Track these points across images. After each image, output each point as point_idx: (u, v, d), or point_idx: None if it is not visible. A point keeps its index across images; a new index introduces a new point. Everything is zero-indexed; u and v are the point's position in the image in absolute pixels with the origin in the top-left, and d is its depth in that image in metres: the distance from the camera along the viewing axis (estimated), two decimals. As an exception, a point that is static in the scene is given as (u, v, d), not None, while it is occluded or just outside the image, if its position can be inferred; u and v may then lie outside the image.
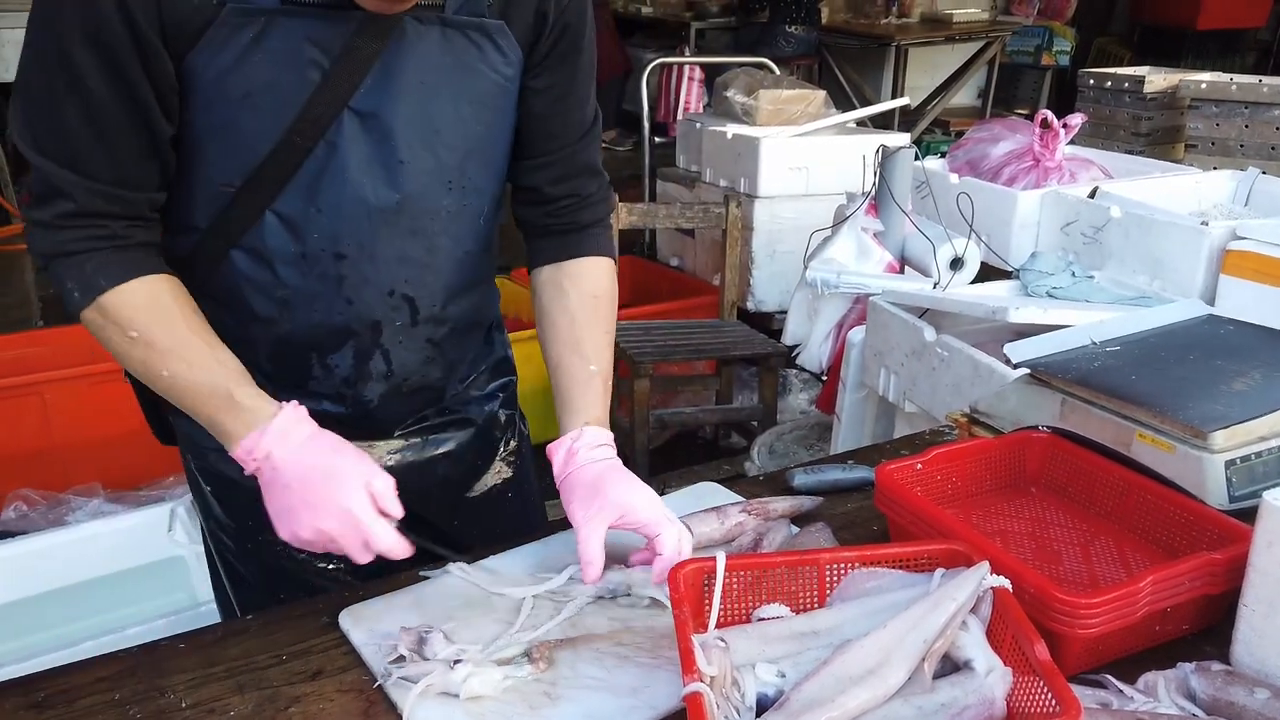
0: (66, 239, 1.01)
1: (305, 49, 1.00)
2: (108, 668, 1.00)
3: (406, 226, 1.12)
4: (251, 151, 1.03)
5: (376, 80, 1.04)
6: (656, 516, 1.07)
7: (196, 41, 0.97)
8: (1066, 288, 2.16)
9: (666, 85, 6.74)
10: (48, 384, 3.00)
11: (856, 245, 2.63)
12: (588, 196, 1.26)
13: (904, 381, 2.22)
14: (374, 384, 1.21)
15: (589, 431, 1.14)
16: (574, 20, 1.15)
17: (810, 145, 3.89)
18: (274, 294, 1.11)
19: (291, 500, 1.00)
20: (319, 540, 1.00)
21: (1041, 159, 2.83)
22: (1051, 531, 1.18)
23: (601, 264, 1.26)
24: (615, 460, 1.14)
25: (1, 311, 4.25)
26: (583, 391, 1.18)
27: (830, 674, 0.86)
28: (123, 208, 1.03)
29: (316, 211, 1.07)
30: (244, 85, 0.99)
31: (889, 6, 7.07)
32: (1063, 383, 1.31)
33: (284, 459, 1.01)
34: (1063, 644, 0.93)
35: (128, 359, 1.04)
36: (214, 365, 1.03)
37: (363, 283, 1.13)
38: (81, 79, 0.95)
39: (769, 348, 3.15)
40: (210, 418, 1.03)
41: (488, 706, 0.93)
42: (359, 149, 1.06)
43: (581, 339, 1.20)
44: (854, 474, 1.35)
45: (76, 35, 0.94)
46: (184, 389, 1.03)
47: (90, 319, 1.04)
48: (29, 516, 2.94)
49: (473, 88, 1.10)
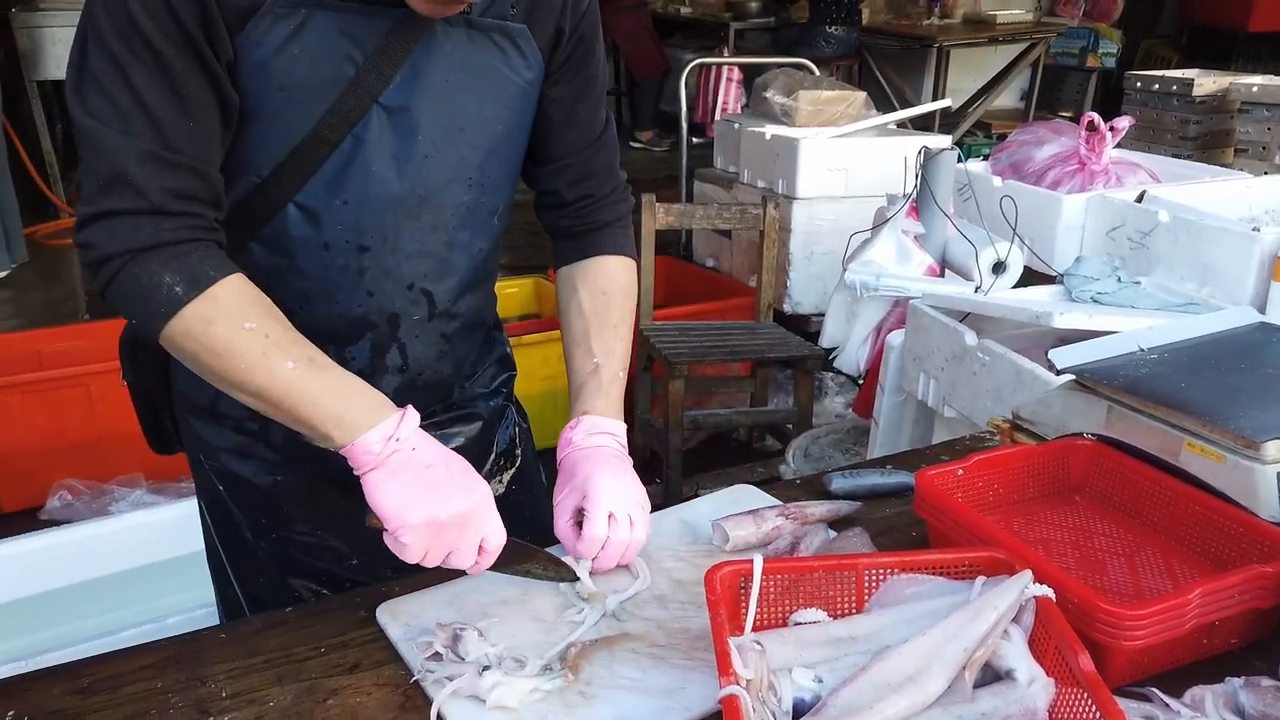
0: (166, 226, 0.96)
1: (341, 44, 1.02)
2: (150, 656, 1.01)
3: (428, 221, 1.14)
4: (281, 143, 1.04)
5: (405, 77, 1.06)
6: (600, 504, 1.10)
7: (243, 26, 0.97)
8: (1112, 293, 2.12)
9: (705, 86, 6.73)
10: (93, 376, 3.06)
11: (897, 248, 2.61)
12: (603, 197, 1.29)
13: (944, 386, 2.20)
14: (389, 377, 1.22)
15: (586, 420, 1.20)
16: (588, 32, 1.20)
17: (850, 146, 3.86)
18: (294, 285, 1.12)
19: (436, 478, 1.01)
20: (451, 523, 1.00)
21: (1087, 162, 2.78)
22: (1096, 541, 1.16)
23: (614, 261, 1.30)
24: (610, 448, 1.18)
25: (49, 305, 4.34)
26: (585, 383, 1.23)
27: (868, 680, 0.85)
28: (207, 190, 1.00)
29: (341, 204, 1.08)
30: (281, 78, 1.00)
31: (931, 7, 6.99)
32: (1109, 389, 1.29)
33: (427, 443, 1.03)
34: (1107, 656, 0.91)
35: (244, 352, 0.97)
36: (333, 361, 1.03)
37: (384, 275, 1.14)
38: (152, 45, 0.93)
39: (805, 350, 3.12)
40: (334, 409, 0.99)
41: (523, 704, 0.93)
42: (385, 143, 1.07)
43: (588, 334, 1.25)
44: (893, 479, 1.34)
45: (145, 9, 0.92)
46: (304, 379, 0.99)
47: (199, 311, 0.96)
48: (73, 506, 3.00)
49: (496, 88, 1.13)
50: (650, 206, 3.25)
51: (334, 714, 0.93)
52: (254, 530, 1.27)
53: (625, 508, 1.12)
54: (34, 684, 0.97)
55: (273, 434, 1.22)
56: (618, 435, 1.21)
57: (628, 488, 1.14)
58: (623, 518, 1.11)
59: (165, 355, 1.19)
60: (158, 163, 0.95)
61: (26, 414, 3.03)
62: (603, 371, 1.23)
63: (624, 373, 1.26)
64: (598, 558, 1.11)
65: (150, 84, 0.94)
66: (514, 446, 1.42)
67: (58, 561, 2.30)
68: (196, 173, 0.98)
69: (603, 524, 1.10)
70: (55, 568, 2.30)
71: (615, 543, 1.11)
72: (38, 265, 4.78)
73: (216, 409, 1.22)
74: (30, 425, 3.03)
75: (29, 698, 0.95)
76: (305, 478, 1.23)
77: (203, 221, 0.99)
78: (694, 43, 7.49)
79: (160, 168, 0.95)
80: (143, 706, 0.94)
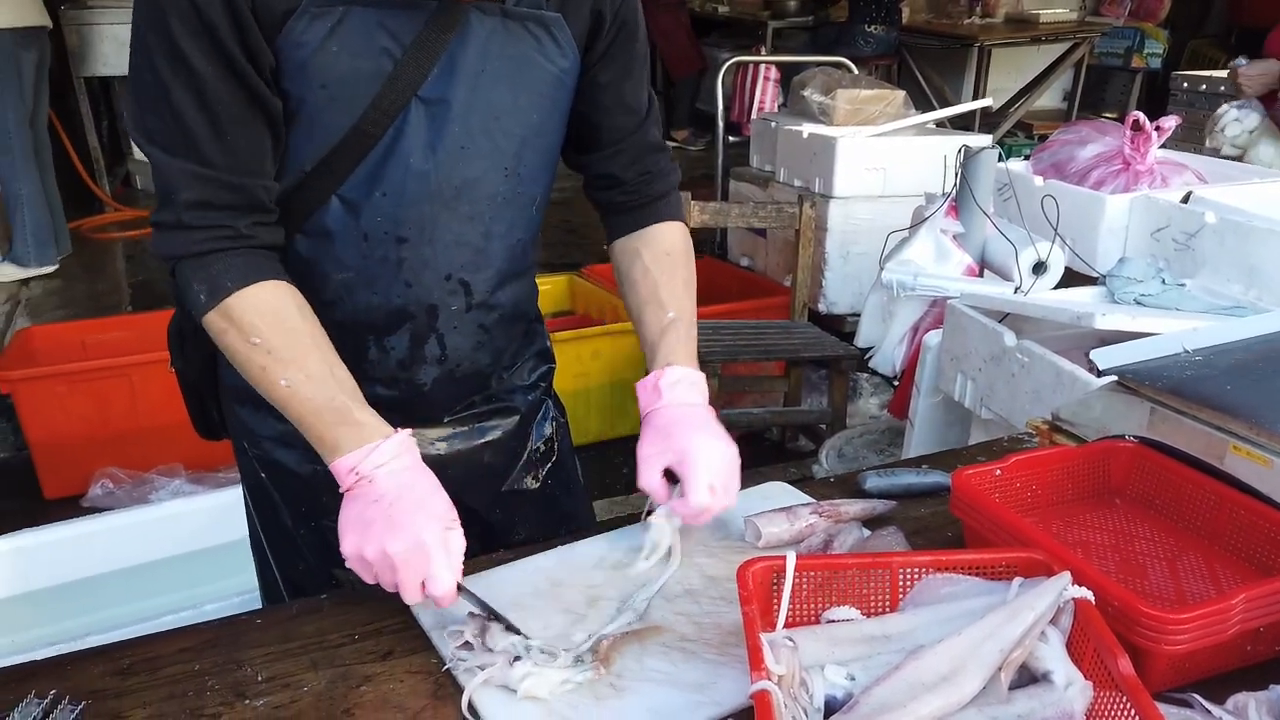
0: (195, 239, 1.02)
1: (379, 38, 1.03)
2: (189, 639, 1.03)
3: (465, 212, 1.14)
4: (325, 139, 1.05)
5: (443, 69, 1.06)
6: (700, 472, 1.10)
7: (280, 29, 0.99)
8: (1156, 295, 2.09)
9: (741, 85, 6.71)
10: (135, 367, 3.11)
11: (935, 247, 2.58)
12: (657, 171, 1.31)
13: (981, 387, 2.17)
14: (428, 368, 1.23)
15: (671, 370, 1.19)
16: (629, 16, 1.20)
17: (888, 145, 3.83)
18: (335, 276, 1.14)
19: (374, 515, 0.99)
20: (378, 562, 0.98)
21: (1132, 162, 2.73)
22: (1136, 544, 1.14)
23: (673, 227, 1.32)
24: (701, 408, 1.18)
25: (94, 297, 4.42)
26: (663, 337, 1.23)
27: (902, 679, 0.84)
28: (241, 198, 1.04)
29: (380, 196, 1.09)
30: (322, 75, 1.02)
31: (972, 6, 6.92)
32: (1152, 391, 1.27)
33: (385, 476, 1.01)
34: (1148, 660, 0.90)
35: (247, 365, 1.05)
36: (331, 380, 1.04)
37: (422, 266, 1.15)
38: (190, 65, 0.97)
39: (840, 350, 3.10)
40: (319, 429, 1.03)
41: (555, 696, 0.93)
42: (423, 135, 1.08)
43: (658, 289, 1.26)
44: (928, 479, 1.33)
45: (179, 23, 0.95)
46: (298, 398, 1.03)
47: (213, 323, 1.04)
48: (114, 494, 3.06)
49: (530, 78, 1.13)
50: (686, 205, 3.24)
51: (367, 700, 0.94)
52: (294, 518, 1.29)
53: (723, 478, 1.13)
54: (76, 664, 0.99)
55: None
56: (702, 388, 1.20)
57: (725, 454, 1.14)
58: (719, 488, 1.12)
59: (212, 344, 1.21)
60: (194, 179, 1.01)
61: (70, 403, 3.09)
62: (680, 325, 1.23)
63: (695, 330, 1.25)
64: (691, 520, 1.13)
65: (188, 102, 0.99)
66: (551, 441, 1.42)
67: (99, 548, 2.34)
68: (228, 185, 1.03)
69: (706, 494, 1.10)
70: (97, 554, 2.34)
71: (712, 512, 1.12)
72: (82, 258, 4.87)
73: (259, 398, 1.23)
74: (74, 414, 3.09)
75: (71, 677, 0.97)
76: None
77: (229, 231, 1.04)
78: (731, 41, 7.47)
79: (195, 184, 1.02)
80: (181, 688, 0.95)
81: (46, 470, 3.14)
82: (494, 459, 1.35)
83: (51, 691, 0.93)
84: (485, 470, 1.35)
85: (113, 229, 5.32)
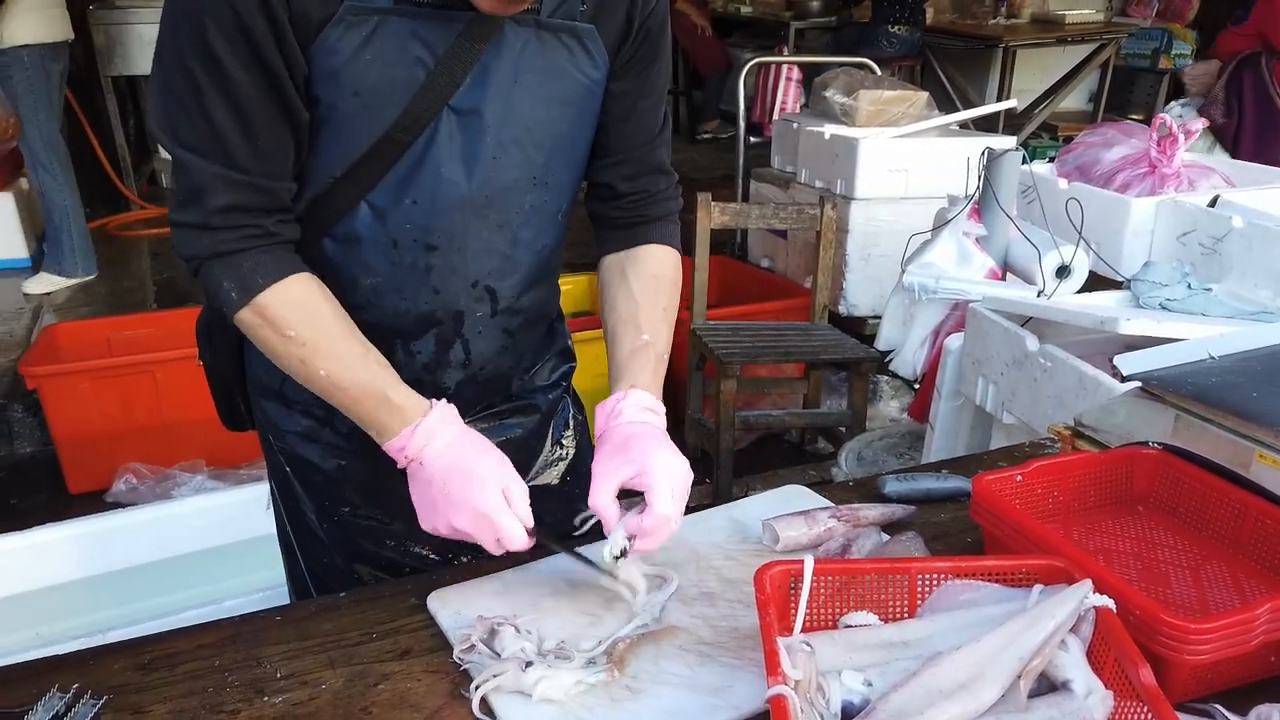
0: (223, 239, 1.03)
1: (413, 48, 1.03)
2: (209, 635, 1.04)
3: (494, 220, 1.15)
4: (356, 145, 1.06)
5: (475, 79, 1.07)
6: (663, 480, 1.07)
7: (315, 36, 1.00)
8: (1182, 300, 2.06)
9: (763, 85, 6.69)
10: (160, 364, 3.14)
11: (957, 250, 2.56)
12: (656, 193, 1.29)
13: (1003, 391, 2.16)
14: (452, 372, 1.24)
15: (635, 394, 1.16)
16: (655, 28, 1.19)
17: (911, 147, 3.81)
18: (363, 281, 1.14)
19: (434, 495, 1.05)
20: (455, 536, 1.05)
21: (1158, 165, 2.71)
22: (1159, 553, 1.13)
23: (665, 251, 1.29)
24: (656, 426, 1.15)
25: (119, 294, 4.47)
26: (632, 358, 1.20)
27: (920, 686, 0.83)
28: (270, 200, 1.05)
29: (411, 203, 1.10)
30: (355, 83, 1.02)
31: (997, 7, 6.86)
32: (1177, 398, 1.25)
33: (431, 457, 1.05)
34: (1169, 670, 0.89)
35: (285, 358, 1.07)
36: (367, 365, 1.07)
37: (450, 273, 1.16)
38: (225, 71, 0.97)
39: (860, 352, 3.09)
40: (364, 415, 1.08)
41: (570, 697, 0.93)
42: (454, 144, 1.08)
43: (637, 313, 1.24)
44: (948, 483, 1.32)
45: (216, 28, 0.96)
46: (341, 387, 1.07)
47: (246, 319, 1.06)
48: (138, 490, 3.09)
49: (562, 88, 1.13)
50: (706, 205, 3.24)
51: (384, 698, 0.95)
52: (318, 512, 1.30)
53: (681, 491, 1.10)
54: (98, 659, 1.00)
55: (338, 420, 1.24)
56: (661, 415, 1.18)
57: (683, 470, 1.11)
58: (679, 500, 1.09)
59: (240, 337, 1.24)
60: (224, 183, 1.02)
61: (96, 399, 3.12)
62: (651, 349, 1.21)
63: (665, 359, 1.23)
64: (648, 537, 1.07)
65: (221, 107, 0.99)
66: (571, 439, 1.42)
67: (122, 544, 2.36)
68: (259, 188, 1.04)
69: (669, 503, 1.07)
70: (119, 550, 2.36)
71: (672, 527, 1.08)
72: (108, 256, 4.92)
73: (285, 392, 1.25)
74: (99, 410, 3.13)
75: (93, 672, 0.98)
76: (369, 463, 1.25)
77: (257, 230, 1.05)
78: (753, 42, 7.44)
79: (226, 188, 1.02)
80: (201, 684, 0.96)
81: (71, 465, 3.18)
82: (514, 456, 1.35)
83: (74, 685, 0.94)
84: None
85: (138, 227, 5.37)
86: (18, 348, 3.82)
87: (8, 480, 3.35)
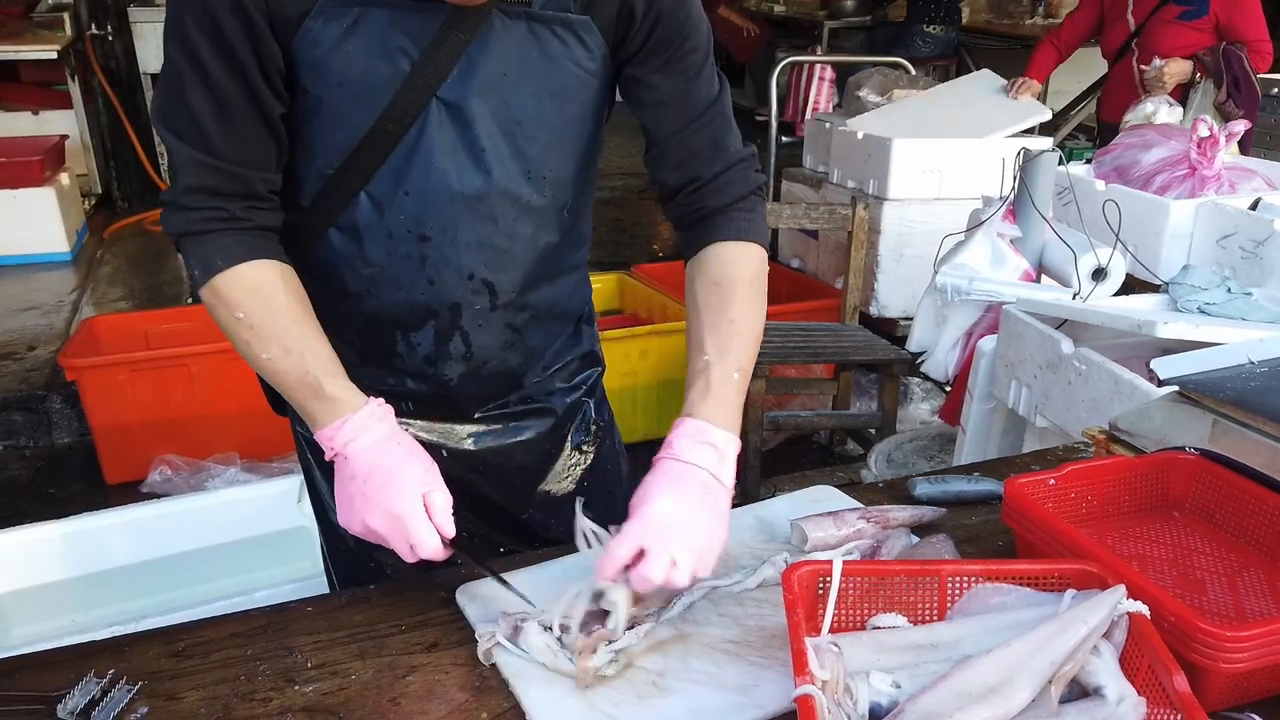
0: (192, 219, 1.07)
1: (395, 39, 1.04)
2: (241, 625, 1.05)
3: (486, 213, 1.15)
4: (348, 136, 1.08)
5: (463, 71, 1.07)
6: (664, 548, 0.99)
7: (296, 29, 1.03)
8: (1221, 304, 2.03)
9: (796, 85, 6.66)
10: (194, 357, 3.19)
11: (991, 251, 2.54)
12: (710, 179, 1.19)
13: (1036, 395, 2.13)
14: (453, 364, 1.24)
15: (689, 424, 1.09)
16: (667, 7, 1.13)
17: (945, 147, 3.78)
18: (362, 271, 1.16)
19: (352, 492, 1.05)
20: (367, 535, 1.05)
21: (1198, 167, 2.66)
22: (1195, 559, 1.11)
23: (730, 249, 1.19)
24: (700, 465, 1.06)
25: (155, 289, 4.53)
26: (693, 384, 1.13)
27: (949, 688, 0.83)
28: (240, 186, 1.08)
29: (404, 194, 1.11)
30: (339, 74, 1.05)
31: (1035, 6, 6.80)
32: (1215, 402, 1.23)
33: (355, 453, 1.05)
34: (1204, 678, 0.87)
35: (235, 340, 1.10)
36: (307, 354, 1.08)
37: (444, 264, 1.16)
38: (201, 62, 1.02)
39: (891, 354, 3.07)
40: (300, 402, 1.09)
41: (597, 693, 0.93)
42: (445, 136, 1.09)
43: (702, 330, 1.16)
44: (979, 486, 1.31)
45: (193, 21, 1.01)
46: (279, 373, 1.08)
47: (205, 298, 1.09)
48: (172, 481, 3.13)
49: (555, 81, 1.12)
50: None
51: (412, 690, 0.95)
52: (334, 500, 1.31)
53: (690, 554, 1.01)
54: (133, 645, 1.02)
55: None
56: (720, 448, 1.08)
57: (697, 529, 1.02)
58: (684, 564, 1.00)
59: None
60: (198, 166, 1.06)
61: (132, 391, 3.17)
62: (713, 370, 1.11)
63: (741, 374, 1.13)
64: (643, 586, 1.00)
65: (199, 97, 1.04)
66: (590, 443, 1.41)
67: (156, 534, 2.40)
68: (230, 174, 1.07)
69: (662, 571, 0.99)
70: (153, 540, 2.40)
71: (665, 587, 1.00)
72: (147, 250, 5.00)
73: None
74: (135, 402, 3.18)
75: (128, 658, 1.00)
76: None
77: (223, 214, 1.08)
78: (786, 41, 7.42)
79: (199, 170, 1.06)
80: (233, 672, 0.98)
81: (108, 456, 3.23)
82: (527, 459, 1.35)
83: (110, 671, 0.96)
84: (518, 469, 1.35)
85: (176, 222, 5.44)
86: (57, 340, 3.89)
87: (46, 470, 3.41)
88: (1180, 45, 3.83)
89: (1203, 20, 3.81)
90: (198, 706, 0.93)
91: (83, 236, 5.03)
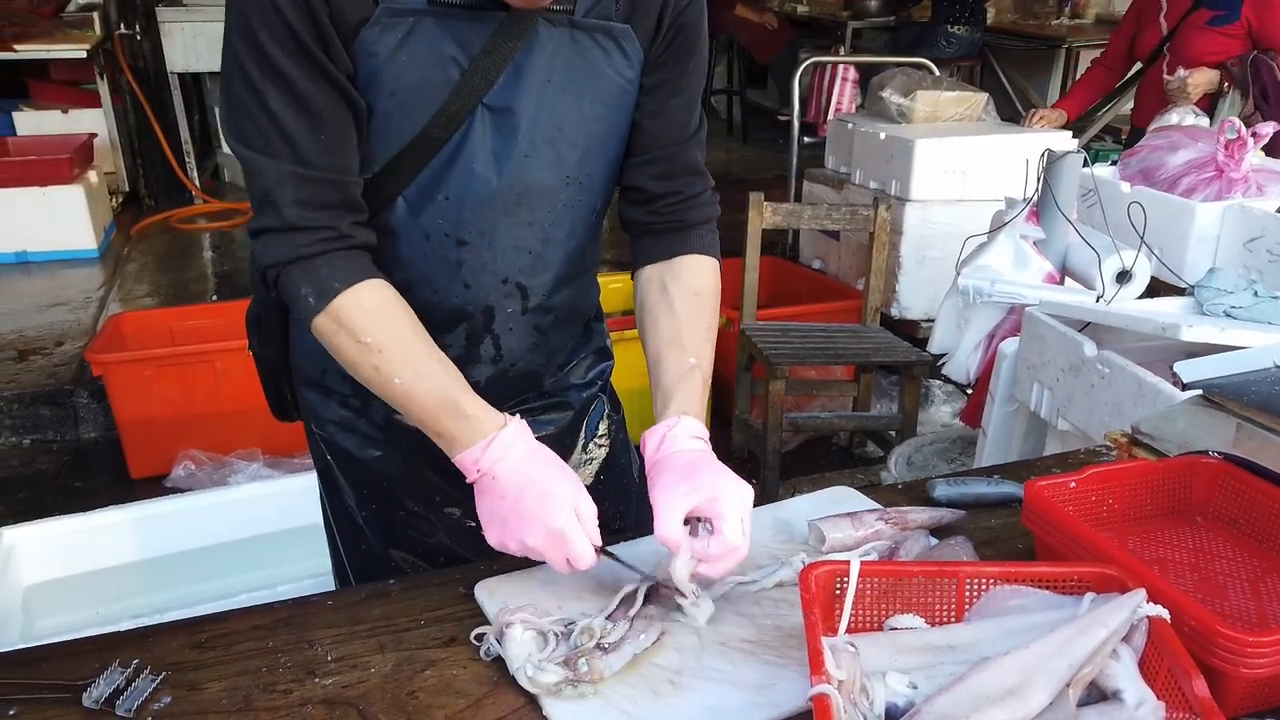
0: (303, 241, 1.04)
1: (447, 48, 1.04)
2: (263, 617, 1.06)
3: (525, 218, 1.15)
4: (392, 143, 1.08)
5: (509, 78, 1.07)
6: (734, 509, 1.04)
7: (354, 38, 1.02)
8: (1247, 308, 2.01)
9: (818, 85, 6.64)
10: (219, 354, 3.22)
11: (1014, 253, 2.52)
12: (692, 196, 1.25)
13: (1058, 398, 2.12)
14: (482, 366, 1.24)
15: (687, 421, 1.12)
16: (690, 21, 1.16)
17: (968, 148, 3.76)
18: (397, 274, 1.15)
19: (505, 510, 1.03)
20: (524, 552, 1.03)
21: (1225, 169, 2.63)
22: (1217, 564, 1.10)
23: (705, 262, 1.25)
24: (710, 452, 1.12)
25: (181, 285, 4.58)
26: (680, 383, 1.16)
27: (966, 690, 0.82)
28: (343, 197, 1.06)
29: (443, 199, 1.11)
30: (392, 83, 1.04)
31: (1061, 7, 6.74)
32: (1239, 406, 1.22)
33: (505, 472, 1.04)
34: (1225, 683, 0.87)
35: (360, 366, 1.06)
36: (441, 375, 1.06)
37: (480, 269, 1.17)
38: (280, 69, 1.00)
39: (912, 355, 3.06)
40: (437, 426, 1.06)
41: (613, 689, 0.94)
42: (487, 142, 1.10)
43: (682, 333, 1.19)
44: (999, 488, 1.30)
45: (265, 28, 0.99)
46: (414, 397, 1.06)
47: (322, 326, 1.06)
48: (196, 476, 3.17)
49: (596, 88, 1.13)
50: (758, 205, 3.23)
51: (430, 684, 0.96)
52: (357, 500, 1.32)
53: (748, 519, 1.06)
54: (157, 636, 1.03)
55: (374, 411, 1.26)
56: (707, 440, 1.15)
57: (749, 498, 1.08)
58: (747, 528, 1.05)
59: (285, 327, 1.25)
60: (296, 180, 1.03)
61: (157, 386, 3.21)
62: (698, 372, 1.17)
63: (709, 382, 1.20)
64: (713, 563, 1.04)
65: (283, 104, 1.01)
66: (605, 438, 1.42)
67: (180, 528, 2.43)
68: (332, 184, 1.05)
69: (739, 531, 1.04)
70: (177, 534, 2.43)
71: (740, 555, 1.05)
72: (173, 248, 5.05)
73: (325, 382, 1.27)
74: (160, 397, 3.21)
75: (152, 649, 1.01)
76: (405, 455, 1.27)
77: (332, 232, 1.06)
78: (809, 41, 7.39)
79: (298, 184, 1.03)
80: (254, 664, 0.99)
81: (133, 451, 3.27)
82: None
83: (134, 661, 0.97)
84: None
85: (201, 220, 5.50)
86: (84, 335, 3.94)
87: (72, 464, 3.46)
88: (1211, 51, 3.77)
89: (1234, 26, 3.75)
90: (219, 697, 0.94)
91: (110, 234, 5.08)
